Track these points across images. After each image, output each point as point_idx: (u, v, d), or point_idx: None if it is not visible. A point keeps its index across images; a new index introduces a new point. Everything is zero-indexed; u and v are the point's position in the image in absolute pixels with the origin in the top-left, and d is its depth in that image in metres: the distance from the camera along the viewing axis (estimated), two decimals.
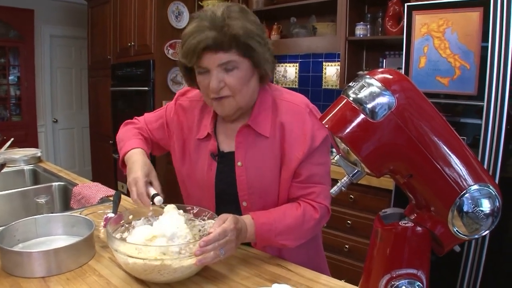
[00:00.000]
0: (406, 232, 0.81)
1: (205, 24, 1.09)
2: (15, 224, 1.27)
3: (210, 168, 1.29)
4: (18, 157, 2.49)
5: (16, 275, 1.09)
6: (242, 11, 1.14)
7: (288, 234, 1.18)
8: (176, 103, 1.39)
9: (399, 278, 0.80)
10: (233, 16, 1.10)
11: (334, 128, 0.75)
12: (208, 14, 1.10)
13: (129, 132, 1.40)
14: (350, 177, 0.81)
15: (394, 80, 0.74)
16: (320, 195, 1.23)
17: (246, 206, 1.26)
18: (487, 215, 0.75)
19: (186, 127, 1.35)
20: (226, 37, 1.08)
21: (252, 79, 1.18)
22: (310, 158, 1.21)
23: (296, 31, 3.39)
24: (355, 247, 2.61)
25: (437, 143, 0.75)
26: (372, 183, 2.42)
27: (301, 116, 1.22)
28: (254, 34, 1.12)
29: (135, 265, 1.02)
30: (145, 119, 1.47)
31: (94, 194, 1.83)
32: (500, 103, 1.87)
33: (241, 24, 1.09)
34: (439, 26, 2.03)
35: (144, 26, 4.03)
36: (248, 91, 1.18)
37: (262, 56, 1.15)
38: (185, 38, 1.13)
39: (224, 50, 1.09)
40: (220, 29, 1.07)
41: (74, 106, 5.95)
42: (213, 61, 1.11)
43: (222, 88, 1.14)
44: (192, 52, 1.11)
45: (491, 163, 1.92)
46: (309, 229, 1.22)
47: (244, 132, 1.24)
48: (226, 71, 1.12)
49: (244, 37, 1.10)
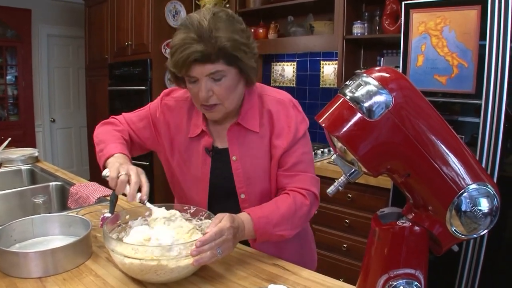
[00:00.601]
0: (404, 232, 0.81)
1: (192, 36, 1.10)
2: (12, 224, 1.26)
3: (204, 163, 1.32)
4: (15, 157, 2.48)
5: (12, 275, 1.08)
6: (228, 19, 1.15)
7: (284, 224, 1.21)
8: (162, 102, 1.40)
9: (397, 278, 0.80)
10: (219, 27, 1.12)
11: (331, 127, 0.75)
12: (195, 25, 1.11)
13: (110, 135, 1.38)
14: (347, 176, 0.81)
15: (391, 79, 0.74)
16: (307, 182, 1.28)
17: (244, 198, 1.30)
18: (486, 215, 0.75)
19: (173, 126, 1.37)
20: (214, 50, 1.10)
21: (239, 85, 1.23)
22: (294, 148, 1.28)
23: (293, 29, 3.38)
24: (353, 246, 2.61)
25: (435, 141, 0.75)
26: (370, 182, 2.42)
27: (286, 108, 1.30)
28: (240, 44, 1.15)
29: (132, 265, 1.02)
30: (126, 120, 1.45)
31: (91, 193, 1.83)
32: (498, 101, 1.87)
33: (227, 35, 1.12)
34: (436, 24, 2.02)
35: (141, 25, 4.03)
36: (235, 96, 1.23)
37: (248, 65, 1.19)
38: (174, 49, 1.14)
39: (211, 62, 1.12)
40: (207, 42, 1.09)
41: (71, 106, 5.94)
42: (201, 72, 1.14)
43: (211, 97, 1.18)
44: (181, 65, 1.13)
45: (489, 161, 1.92)
46: (303, 216, 1.26)
47: (235, 129, 1.30)
48: (214, 80, 1.16)
49: (231, 48, 1.12)
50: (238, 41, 1.14)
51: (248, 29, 1.22)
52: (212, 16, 1.13)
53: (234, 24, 1.16)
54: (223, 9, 1.19)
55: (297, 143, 1.28)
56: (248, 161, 1.29)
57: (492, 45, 1.86)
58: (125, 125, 1.44)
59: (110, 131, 1.40)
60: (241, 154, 1.29)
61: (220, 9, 1.18)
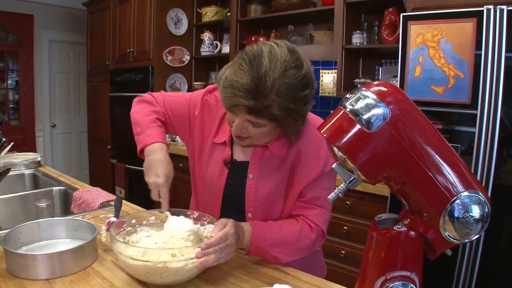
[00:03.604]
0: (400, 236, 0.84)
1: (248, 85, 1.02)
2: (19, 228, 1.29)
3: (221, 174, 1.31)
4: (18, 161, 2.50)
5: (20, 277, 1.11)
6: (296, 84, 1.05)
7: (281, 248, 1.21)
8: (203, 98, 1.36)
9: (393, 280, 0.84)
10: (281, 91, 1.02)
11: (332, 138, 0.79)
12: (260, 73, 1.01)
13: (148, 117, 1.34)
14: (347, 184, 0.85)
15: (388, 93, 0.78)
16: (320, 217, 1.26)
17: (250, 217, 1.29)
18: (477, 221, 0.79)
19: (207, 128, 1.35)
20: (263, 110, 1.04)
21: (275, 131, 1.18)
22: (319, 181, 1.24)
23: (293, 38, 3.42)
24: (351, 252, 2.63)
25: (429, 152, 0.79)
26: (368, 190, 2.45)
27: (319, 141, 1.23)
28: (293, 113, 1.08)
29: (137, 267, 1.05)
30: (164, 102, 1.40)
31: (95, 198, 1.84)
32: (493, 111, 1.91)
33: (284, 105, 1.04)
34: (433, 36, 2.07)
35: (143, 32, 4.07)
36: (268, 138, 1.21)
37: (291, 128, 1.14)
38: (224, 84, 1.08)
39: (255, 115, 1.07)
40: (261, 99, 1.02)
41: (72, 111, 5.97)
42: (242, 116, 1.10)
43: (244, 133, 1.16)
44: (225, 106, 1.11)
45: (485, 169, 1.95)
46: (303, 248, 1.25)
47: (261, 149, 1.26)
48: (252, 124, 1.13)
49: (282, 117, 1.07)
50: (293, 110, 1.07)
51: (313, 90, 1.12)
52: (282, 72, 1.02)
53: (299, 90, 1.06)
54: (298, 65, 1.06)
55: (323, 176, 1.24)
56: (264, 182, 1.26)
57: (488, 56, 1.90)
58: (162, 107, 1.40)
59: (148, 112, 1.36)
60: (259, 174, 1.26)
61: (296, 63, 1.05)
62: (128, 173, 4.22)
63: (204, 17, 4.11)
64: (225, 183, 1.31)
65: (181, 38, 4.16)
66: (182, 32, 4.16)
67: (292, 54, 1.07)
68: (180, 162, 3.42)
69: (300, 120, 1.15)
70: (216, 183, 1.32)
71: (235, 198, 1.30)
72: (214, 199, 1.34)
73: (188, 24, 4.18)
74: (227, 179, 1.31)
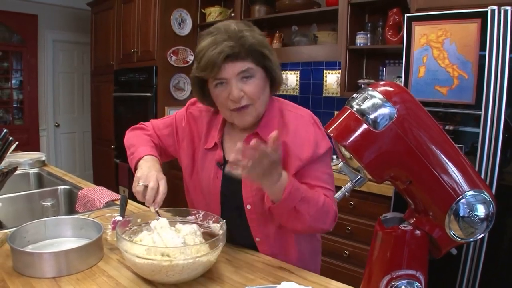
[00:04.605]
0: (406, 235, 0.85)
1: (221, 36, 1.17)
2: (25, 226, 1.30)
3: (216, 177, 1.33)
4: (23, 160, 2.51)
5: (27, 275, 1.11)
6: (250, 26, 1.24)
7: (309, 205, 1.15)
8: (187, 111, 1.44)
9: (399, 278, 0.84)
10: (245, 29, 1.20)
11: (339, 137, 0.79)
12: (223, 29, 1.19)
13: (140, 138, 1.43)
14: (353, 183, 0.86)
15: (394, 92, 0.79)
16: (329, 196, 1.23)
17: (250, 209, 1.30)
18: (482, 220, 0.79)
19: (196, 137, 1.41)
20: (243, 47, 1.16)
21: (266, 87, 1.27)
22: (315, 167, 1.25)
23: (297, 39, 3.43)
24: (354, 252, 2.64)
25: (435, 151, 0.80)
26: (372, 190, 2.45)
27: (305, 124, 1.28)
28: (265, 44, 1.23)
29: (143, 266, 1.06)
30: (153, 126, 1.50)
31: (100, 198, 1.85)
32: (497, 112, 1.92)
33: (254, 35, 1.21)
34: (438, 36, 2.07)
35: (147, 32, 4.08)
36: (264, 98, 1.26)
37: (274, 64, 1.25)
38: (203, 51, 1.18)
39: (241, 59, 1.17)
40: (237, 40, 1.16)
41: (75, 111, 5.98)
42: (232, 71, 1.17)
43: (242, 97, 1.20)
44: (213, 63, 1.15)
45: (489, 170, 1.96)
46: (325, 215, 1.20)
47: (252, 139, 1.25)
48: (243, 80, 1.20)
49: (258, 46, 1.20)
50: (264, 42, 1.23)
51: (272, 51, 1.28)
52: (236, 23, 1.22)
53: (255, 29, 1.24)
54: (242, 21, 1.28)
55: (318, 161, 1.25)
56: None
57: (492, 57, 1.91)
58: (152, 131, 1.49)
59: (140, 135, 1.46)
60: None
61: (239, 21, 1.26)
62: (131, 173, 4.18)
63: (208, 17, 4.12)
64: (221, 184, 1.33)
65: (185, 38, 4.17)
66: (186, 33, 4.17)
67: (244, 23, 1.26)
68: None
69: (274, 55, 1.25)
70: (212, 185, 1.34)
71: (233, 197, 1.31)
72: (213, 202, 1.35)
73: (192, 24, 4.19)
74: (222, 179, 1.33)
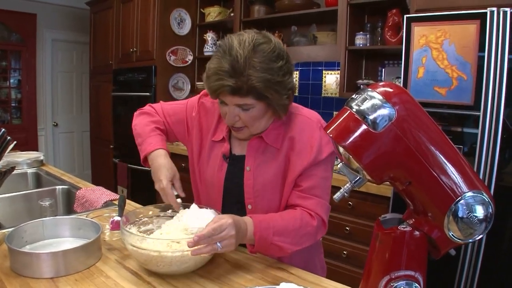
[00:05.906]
0: (405, 236, 0.85)
1: (226, 68, 1.11)
2: (23, 226, 1.29)
3: (220, 169, 1.35)
4: (21, 160, 2.51)
5: (24, 275, 1.11)
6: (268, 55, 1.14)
7: (285, 236, 1.19)
8: (199, 101, 1.44)
9: (398, 279, 0.84)
10: (255, 64, 1.11)
11: (338, 138, 0.79)
12: (232, 55, 1.11)
13: (147, 127, 1.42)
14: (353, 183, 0.86)
15: (394, 93, 0.79)
16: (318, 207, 1.26)
17: (251, 209, 1.31)
18: (481, 221, 0.79)
19: (205, 128, 1.41)
20: (244, 86, 1.12)
21: (267, 114, 1.25)
22: (315, 170, 1.26)
23: (296, 39, 3.43)
24: (353, 253, 2.63)
25: (434, 152, 0.79)
26: (371, 190, 2.45)
27: (311, 129, 1.28)
28: (272, 84, 1.14)
29: (137, 254, 1.12)
30: (163, 111, 1.49)
31: (98, 198, 1.85)
32: (496, 113, 1.92)
33: (261, 75, 1.11)
34: (437, 37, 2.07)
35: (147, 32, 4.08)
36: (261, 124, 1.26)
37: (277, 102, 1.19)
38: (208, 74, 1.17)
39: (240, 95, 1.15)
40: (239, 77, 1.11)
41: (74, 110, 5.97)
42: (230, 100, 1.18)
43: (237, 121, 1.23)
44: (212, 92, 1.18)
45: (487, 171, 1.96)
46: (306, 235, 1.23)
47: (256, 141, 1.31)
48: (242, 109, 1.19)
49: (262, 89, 1.13)
50: (271, 81, 1.13)
51: (288, 63, 1.20)
52: (252, 49, 1.12)
53: (272, 61, 1.14)
54: (267, 40, 1.16)
55: (318, 165, 1.26)
56: (260, 173, 1.29)
57: (491, 58, 1.91)
58: (161, 116, 1.48)
59: (147, 123, 1.44)
60: (256, 165, 1.30)
61: (264, 40, 1.16)
62: (130, 173, 4.23)
63: (207, 17, 4.12)
64: (224, 177, 1.34)
65: (184, 38, 4.17)
66: (186, 32, 4.17)
67: (259, 34, 1.18)
68: (183, 162, 3.43)
69: (285, 94, 1.19)
70: (216, 177, 1.35)
71: (235, 191, 1.33)
72: (215, 193, 1.37)
73: (191, 24, 4.19)
74: (226, 172, 1.35)
